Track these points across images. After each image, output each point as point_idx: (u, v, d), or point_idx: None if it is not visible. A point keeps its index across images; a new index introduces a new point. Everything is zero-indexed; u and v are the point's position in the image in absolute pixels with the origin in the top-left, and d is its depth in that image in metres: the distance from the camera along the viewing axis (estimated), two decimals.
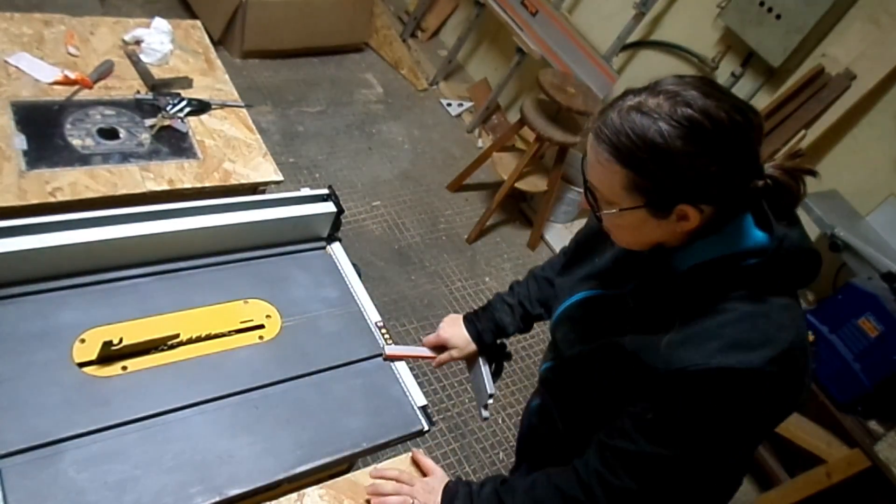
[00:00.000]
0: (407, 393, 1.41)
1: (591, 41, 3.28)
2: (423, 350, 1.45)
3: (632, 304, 1.03)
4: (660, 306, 0.98)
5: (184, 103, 1.79)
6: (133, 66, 1.85)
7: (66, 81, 1.70)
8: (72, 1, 3.22)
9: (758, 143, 0.89)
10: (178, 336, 1.28)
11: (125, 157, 1.62)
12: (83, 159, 1.57)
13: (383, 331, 1.49)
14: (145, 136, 1.69)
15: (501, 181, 3.20)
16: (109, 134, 1.65)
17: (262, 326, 1.39)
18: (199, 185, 1.64)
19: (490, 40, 4.02)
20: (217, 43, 3.35)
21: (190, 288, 1.39)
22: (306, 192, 1.56)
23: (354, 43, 3.90)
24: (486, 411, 1.40)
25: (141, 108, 1.75)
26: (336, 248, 1.63)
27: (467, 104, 3.96)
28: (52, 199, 1.46)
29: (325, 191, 1.58)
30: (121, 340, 1.20)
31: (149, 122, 1.72)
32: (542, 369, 1.27)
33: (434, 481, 1.22)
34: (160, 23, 1.93)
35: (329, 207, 1.56)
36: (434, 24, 4.23)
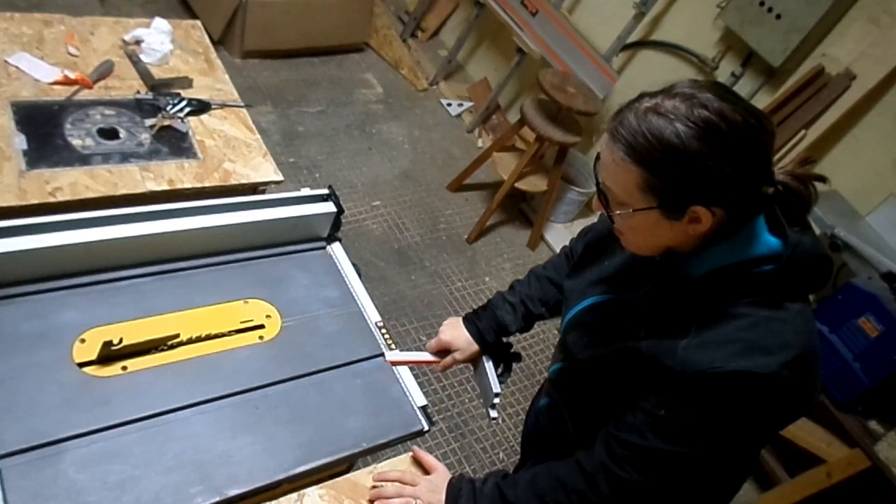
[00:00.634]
0: (407, 393, 1.41)
1: (591, 41, 3.28)
2: (425, 355, 1.45)
3: (646, 309, 1.03)
4: (674, 311, 0.99)
5: (184, 103, 1.79)
6: (133, 66, 1.85)
7: (66, 81, 1.70)
8: (72, 1, 3.22)
9: (770, 149, 0.90)
10: (178, 336, 1.28)
11: (125, 157, 1.62)
12: (83, 159, 1.57)
13: (383, 331, 1.49)
14: (145, 136, 1.69)
15: (501, 181, 3.20)
16: (109, 134, 1.65)
17: (262, 326, 1.39)
18: (199, 185, 1.64)
19: (490, 40, 4.01)
20: (217, 43, 3.35)
21: (190, 288, 1.39)
22: (306, 192, 1.56)
23: (354, 43, 3.89)
24: (493, 411, 1.39)
25: (141, 108, 1.75)
26: (336, 248, 1.63)
27: (467, 104, 3.96)
28: (52, 199, 1.45)
29: (325, 191, 1.58)
30: (121, 340, 1.20)
31: (149, 122, 1.72)
32: (552, 370, 1.27)
33: (437, 479, 1.21)
34: (160, 23, 1.93)
35: (329, 207, 1.57)
36: (434, 24, 4.22)
